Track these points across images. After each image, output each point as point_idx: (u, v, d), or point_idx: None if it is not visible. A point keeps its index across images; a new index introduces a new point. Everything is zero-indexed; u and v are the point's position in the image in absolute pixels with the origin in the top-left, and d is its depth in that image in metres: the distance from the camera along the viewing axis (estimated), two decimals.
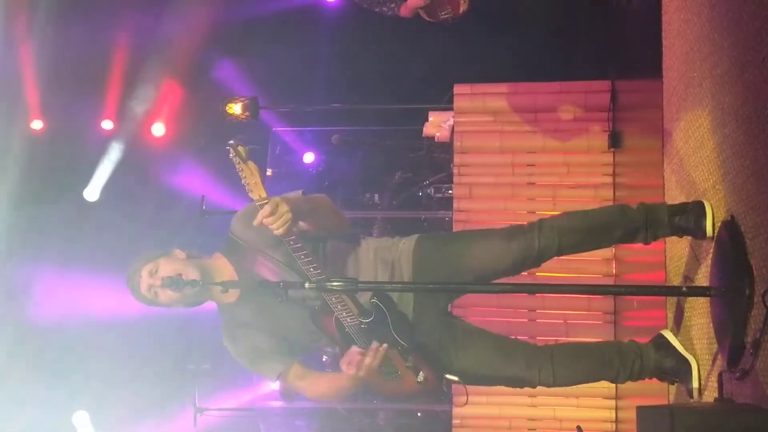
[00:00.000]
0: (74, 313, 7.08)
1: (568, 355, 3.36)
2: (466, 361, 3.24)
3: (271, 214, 2.86)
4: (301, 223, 3.14)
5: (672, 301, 3.67)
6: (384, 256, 3.28)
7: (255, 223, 2.91)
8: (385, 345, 3.05)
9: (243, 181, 2.86)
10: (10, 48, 6.92)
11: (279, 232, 2.89)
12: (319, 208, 3.23)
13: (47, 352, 7.14)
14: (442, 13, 4.71)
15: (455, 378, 3.23)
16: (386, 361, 3.11)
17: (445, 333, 3.27)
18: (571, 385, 3.44)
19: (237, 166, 2.83)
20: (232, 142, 2.79)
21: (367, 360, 3.04)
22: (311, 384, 3.34)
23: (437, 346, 3.24)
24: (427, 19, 4.79)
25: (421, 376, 3.16)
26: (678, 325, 3.49)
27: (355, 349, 3.07)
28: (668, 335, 3.35)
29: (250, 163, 2.83)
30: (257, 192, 2.86)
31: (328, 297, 3.02)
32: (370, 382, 3.17)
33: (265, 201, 2.87)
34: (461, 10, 4.73)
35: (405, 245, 3.30)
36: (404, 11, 4.72)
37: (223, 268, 3.27)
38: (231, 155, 2.81)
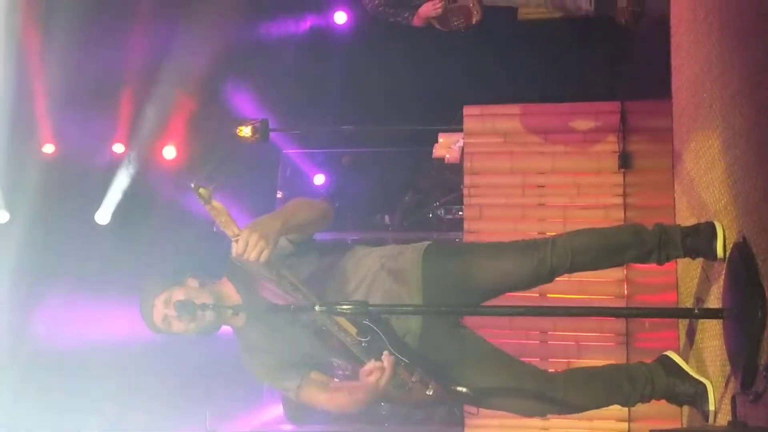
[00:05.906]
0: (85, 335, 7.08)
1: (577, 383, 3.34)
2: (472, 384, 3.19)
3: (244, 249, 2.80)
4: (287, 239, 3.09)
5: (684, 322, 3.64)
6: (391, 266, 3.21)
7: (233, 258, 2.85)
8: (386, 353, 2.97)
9: (215, 221, 2.83)
10: (22, 72, 6.96)
11: (262, 260, 2.83)
12: (295, 213, 3.10)
13: (58, 373, 7.13)
14: (455, 22, 4.74)
15: (465, 389, 3.19)
16: (395, 374, 3.09)
17: (453, 351, 3.23)
18: (580, 412, 3.43)
19: (205, 208, 2.80)
20: (192, 185, 2.73)
21: (380, 367, 2.94)
22: (330, 398, 3.27)
23: (445, 362, 3.20)
24: (440, 28, 4.83)
25: (430, 389, 3.13)
26: (690, 347, 3.47)
27: (372, 361, 3.01)
28: (675, 357, 3.31)
29: (215, 203, 2.79)
30: (230, 229, 2.83)
31: (321, 319, 2.94)
32: (386, 393, 3.15)
33: (239, 236, 2.83)
34: (474, 20, 4.76)
35: (413, 256, 3.23)
36: (417, 21, 4.76)
37: (229, 292, 3.26)
38: (196, 198, 2.77)
